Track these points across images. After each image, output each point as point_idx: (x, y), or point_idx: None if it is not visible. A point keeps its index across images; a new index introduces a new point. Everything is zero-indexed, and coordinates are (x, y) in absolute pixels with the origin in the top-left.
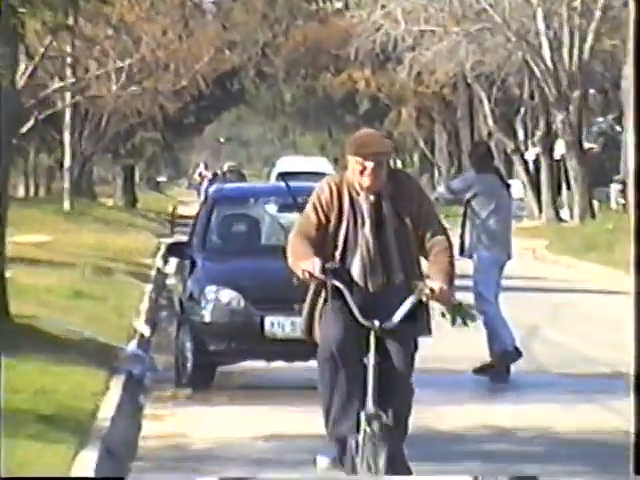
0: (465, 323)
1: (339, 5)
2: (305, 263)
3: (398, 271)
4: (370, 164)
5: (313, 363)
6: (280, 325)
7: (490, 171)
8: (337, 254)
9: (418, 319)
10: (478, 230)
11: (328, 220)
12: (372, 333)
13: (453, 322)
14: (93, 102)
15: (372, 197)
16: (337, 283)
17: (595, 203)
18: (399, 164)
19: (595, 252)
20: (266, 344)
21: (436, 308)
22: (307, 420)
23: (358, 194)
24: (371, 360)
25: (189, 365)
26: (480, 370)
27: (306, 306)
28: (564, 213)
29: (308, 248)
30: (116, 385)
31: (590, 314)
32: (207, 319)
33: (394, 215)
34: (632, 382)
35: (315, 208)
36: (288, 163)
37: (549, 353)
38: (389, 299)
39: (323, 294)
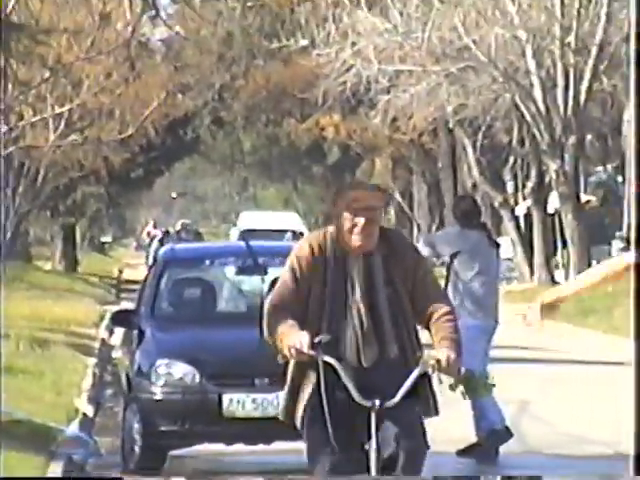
0: (479, 395)
1: (304, 43)
2: (290, 338)
3: (392, 343)
4: (362, 220)
5: (277, 446)
6: (240, 403)
7: (476, 227)
8: (323, 326)
9: (422, 396)
10: (461, 294)
11: (309, 284)
12: (373, 415)
13: (465, 395)
14: (28, 153)
15: (362, 259)
16: (330, 359)
17: (594, 263)
18: None
19: (593, 318)
20: (224, 424)
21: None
22: None
23: (346, 255)
24: (373, 445)
25: (137, 448)
26: (465, 451)
27: (287, 386)
28: (559, 274)
29: (289, 319)
30: (55, 472)
31: (586, 388)
32: (158, 396)
33: (387, 279)
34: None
35: (293, 272)
36: (251, 219)
37: (540, 432)
38: (384, 375)
39: (310, 373)
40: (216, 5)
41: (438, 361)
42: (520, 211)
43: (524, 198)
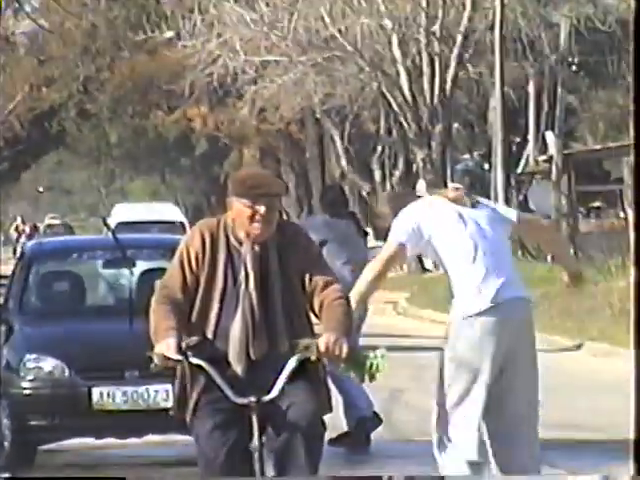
0: (372, 377)
1: (170, 34)
2: (159, 345)
3: (283, 336)
4: (262, 208)
5: (149, 439)
6: (110, 396)
7: (344, 216)
8: (212, 319)
9: (311, 391)
10: None
11: (197, 276)
12: (253, 413)
13: (361, 379)
14: None
15: (257, 248)
16: (198, 361)
17: None
18: None
19: None
20: (95, 418)
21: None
22: None
23: (240, 243)
24: (256, 448)
25: (7, 444)
26: (337, 440)
27: (176, 390)
28: (428, 262)
29: (168, 322)
30: None
31: None
32: (27, 391)
33: (281, 269)
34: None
35: (181, 263)
36: (126, 211)
37: (412, 420)
38: (274, 369)
39: (195, 373)
40: None
41: (317, 345)
42: None
43: (392, 187)
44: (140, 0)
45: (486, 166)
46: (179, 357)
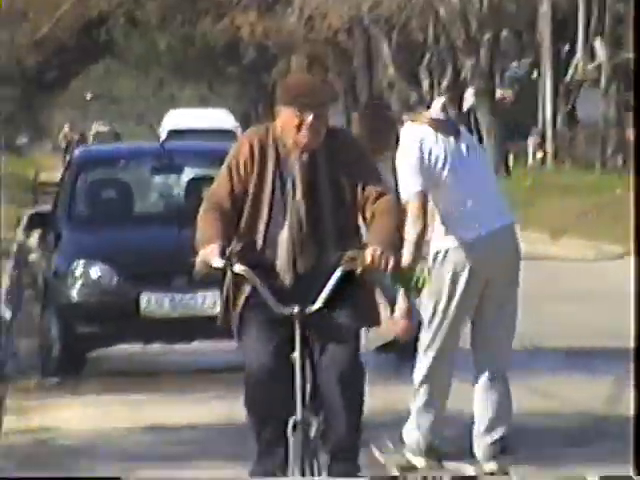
0: (419, 291)
1: None
2: (202, 251)
3: (333, 247)
4: (310, 117)
5: (197, 345)
6: (158, 302)
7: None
8: (261, 228)
9: (357, 304)
10: None
11: (246, 185)
12: (296, 324)
13: (409, 292)
14: None
15: (305, 156)
16: (241, 268)
17: (510, 158)
18: None
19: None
20: (142, 324)
21: None
22: (190, 409)
23: (288, 153)
24: (297, 358)
25: (56, 350)
26: (386, 347)
27: (222, 294)
28: None
29: (213, 229)
30: None
31: None
32: (75, 298)
33: (331, 178)
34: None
35: (230, 172)
36: (179, 118)
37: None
38: (322, 281)
39: (240, 282)
40: None
41: (363, 257)
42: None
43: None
44: None
45: (534, 74)
46: (222, 263)
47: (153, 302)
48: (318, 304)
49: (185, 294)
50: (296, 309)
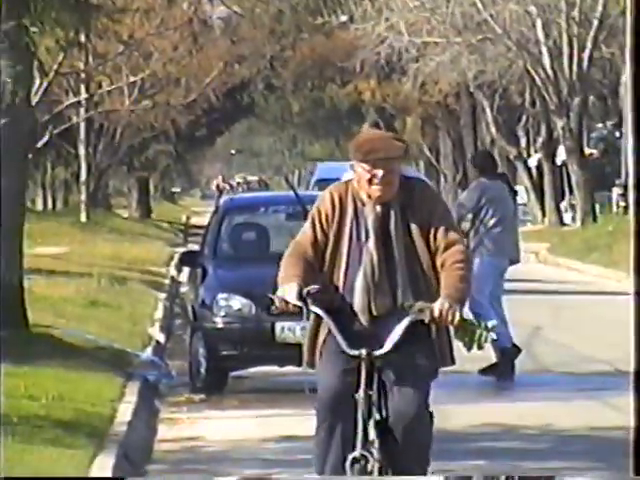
0: (480, 346)
1: (344, 19)
2: (281, 289)
3: (407, 292)
4: (380, 172)
5: None
6: (291, 330)
7: (497, 177)
8: (340, 274)
9: (430, 345)
10: (482, 237)
11: (327, 235)
12: (362, 364)
13: (468, 347)
14: (107, 116)
15: (379, 208)
16: (315, 308)
17: (597, 207)
18: None
19: (596, 253)
20: (277, 349)
21: None
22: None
23: (364, 204)
24: (361, 396)
25: (202, 370)
26: (486, 370)
27: (307, 335)
28: (567, 217)
29: (295, 270)
30: (132, 391)
31: (591, 315)
32: (219, 325)
33: (404, 228)
34: (632, 383)
35: (313, 222)
36: (327, 170)
37: (551, 353)
38: (396, 325)
39: (323, 323)
40: None
41: (431, 310)
42: (532, 163)
43: (535, 151)
44: None
45: (617, 134)
46: (298, 303)
47: (286, 329)
48: (385, 348)
49: None
50: (364, 351)
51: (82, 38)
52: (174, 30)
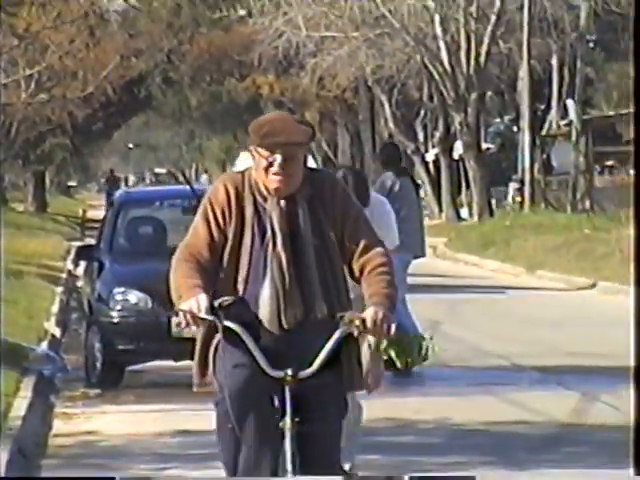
0: (416, 362)
1: (242, 13)
2: (187, 302)
3: (320, 301)
4: (279, 158)
5: None
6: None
7: (402, 171)
8: (240, 281)
9: (347, 365)
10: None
11: (224, 234)
12: (286, 387)
13: (403, 363)
14: (3, 110)
15: (283, 203)
16: (231, 324)
17: (493, 202)
18: None
19: (493, 248)
20: (173, 344)
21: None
22: (211, 417)
23: (265, 199)
24: (287, 423)
25: (98, 365)
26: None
27: (197, 350)
28: (464, 212)
29: (193, 279)
30: (27, 385)
31: (489, 310)
32: (115, 320)
33: (313, 226)
34: (632, 384)
35: (207, 219)
36: (249, 160)
37: (449, 348)
38: (309, 339)
39: (218, 336)
40: None
41: (363, 321)
42: (429, 157)
43: (433, 146)
44: None
45: (515, 129)
46: (209, 317)
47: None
48: (313, 369)
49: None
50: (290, 372)
51: None
52: (71, 23)
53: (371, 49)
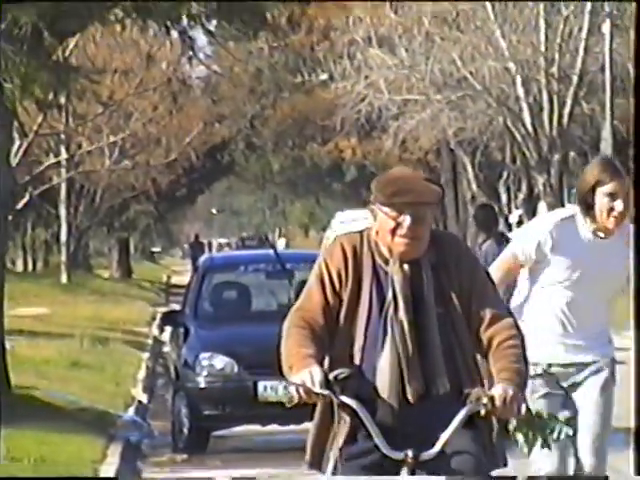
0: (549, 445)
1: (324, 77)
2: (299, 374)
3: (443, 375)
4: (407, 220)
5: (307, 425)
6: (273, 389)
7: (499, 236)
8: (356, 350)
9: (481, 445)
10: None
11: (340, 298)
12: (404, 470)
13: (530, 446)
14: (87, 177)
15: (407, 267)
16: (348, 400)
17: None
18: None
19: None
20: (260, 408)
21: None
22: None
23: (386, 262)
24: None
25: (185, 430)
26: None
27: (313, 429)
28: None
29: (306, 348)
30: (114, 452)
31: None
32: (202, 385)
33: (437, 293)
34: (632, 384)
35: (322, 282)
36: (348, 221)
37: None
38: (432, 416)
39: (340, 416)
40: (247, 45)
41: (491, 398)
42: (513, 219)
43: (516, 207)
44: (297, 47)
45: None
46: (325, 392)
47: (269, 388)
48: (436, 448)
49: None
50: (410, 453)
51: (61, 99)
52: (153, 90)
53: (453, 111)
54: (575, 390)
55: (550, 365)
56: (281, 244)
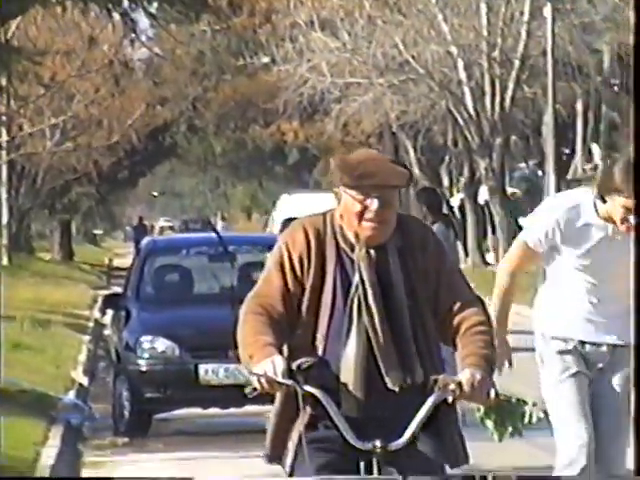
0: (520, 432)
1: (266, 60)
2: (261, 364)
3: (417, 363)
4: (375, 203)
5: (248, 409)
6: (214, 372)
7: (441, 219)
8: (319, 338)
9: (445, 435)
10: None
11: (302, 284)
12: (374, 460)
13: (500, 435)
14: (29, 159)
15: (373, 252)
16: (312, 390)
17: None
18: None
19: (519, 294)
20: (201, 391)
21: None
22: (240, 464)
23: (352, 247)
24: None
25: (126, 413)
26: None
27: (271, 420)
28: (489, 257)
29: (265, 335)
30: (55, 434)
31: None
32: (143, 368)
33: (405, 280)
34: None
35: (281, 266)
36: (292, 205)
37: None
38: (399, 405)
39: (298, 404)
40: (189, 28)
41: (459, 384)
42: (455, 202)
43: (458, 191)
44: (240, 30)
45: (540, 173)
46: (288, 382)
47: (210, 371)
48: (404, 438)
49: (238, 364)
50: (378, 443)
51: (2, 80)
52: (95, 72)
53: (395, 95)
54: (602, 375)
55: (583, 343)
56: (222, 227)
